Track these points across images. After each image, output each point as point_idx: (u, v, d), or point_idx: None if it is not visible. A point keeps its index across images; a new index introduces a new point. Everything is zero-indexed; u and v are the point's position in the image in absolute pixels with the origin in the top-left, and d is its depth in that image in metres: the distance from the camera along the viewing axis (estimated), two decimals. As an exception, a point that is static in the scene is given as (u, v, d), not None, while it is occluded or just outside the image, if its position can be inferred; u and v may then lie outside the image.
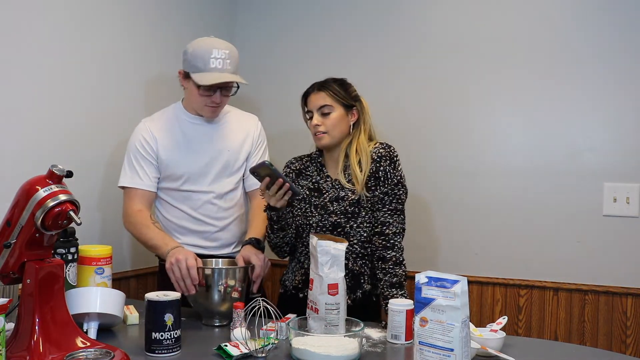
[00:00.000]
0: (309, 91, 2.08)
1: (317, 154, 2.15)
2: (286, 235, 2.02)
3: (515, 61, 2.61)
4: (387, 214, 1.99)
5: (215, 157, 2.16)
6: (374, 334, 1.76)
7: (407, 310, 1.67)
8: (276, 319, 1.64)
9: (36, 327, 1.41)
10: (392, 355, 1.63)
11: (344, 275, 1.74)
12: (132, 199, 2.12)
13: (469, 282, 1.48)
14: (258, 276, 1.91)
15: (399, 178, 2.02)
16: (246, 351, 1.53)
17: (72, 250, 1.83)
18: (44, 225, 1.42)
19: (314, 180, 2.09)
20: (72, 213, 1.43)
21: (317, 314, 1.69)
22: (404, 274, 1.95)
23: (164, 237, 2.03)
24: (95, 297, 1.67)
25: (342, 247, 1.73)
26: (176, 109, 2.21)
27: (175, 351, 1.57)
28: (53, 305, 1.45)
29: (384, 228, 1.98)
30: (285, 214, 1.95)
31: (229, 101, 2.18)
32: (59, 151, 2.20)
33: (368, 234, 2.02)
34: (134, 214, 2.10)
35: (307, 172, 2.12)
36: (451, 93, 2.72)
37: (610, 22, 2.48)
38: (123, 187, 2.15)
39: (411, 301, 1.66)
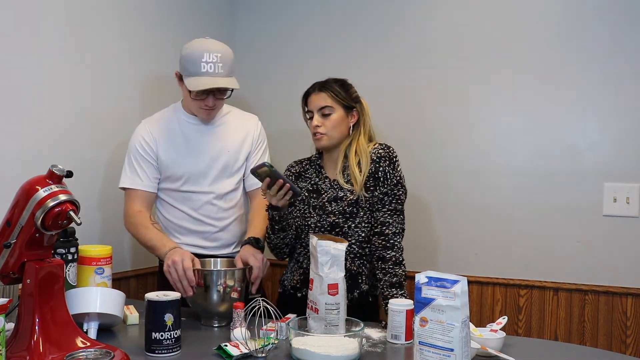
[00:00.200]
0: (309, 91, 2.08)
1: (316, 157, 2.15)
2: (286, 236, 2.02)
3: (515, 61, 2.61)
4: (386, 214, 1.99)
5: (215, 158, 2.16)
6: (374, 334, 1.76)
7: (407, 310, 1.67)
8: (276, 319, 1.64)
9: (36, 327, 1.41)
10: (392, 355, 1.63)
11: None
12: (132, 199, 2.12)
13: (469, 282, 1.48)
14: (256, 278, 1.91)
15: (398, 178, 2.03)
16: (246, 351, 1.53)
17: (72, 250, 1.83)
18: (44, 225, 1.42)
19: (312, 181, 2.10)
20: (72, 213, 1.43)
21: (317, 314, 1.69)
22: (403, 273, 1.95)
23: (162, 238, 2.03)
24: (95, 297, 1.67)
25: (342, 247, 1.73)
26: (176, 109, 2.21)
27: (175, 351, 1.57)
28: (53, 305, 1.45)
29: (384, 228, 1.98)
30: (287, 213, 1.95)
31: (229, 101, 2.18)
32: (59, 151, 2.20)
33: (366, 234, 2.02)
34: (134, 215, 2.10)
35: (306, 175, 2.13)
36: (451, 93, 2.72)
37: (610, 22, 2.48)
38: (123, 188, 2.15)
39: (411, 301, 1.66)
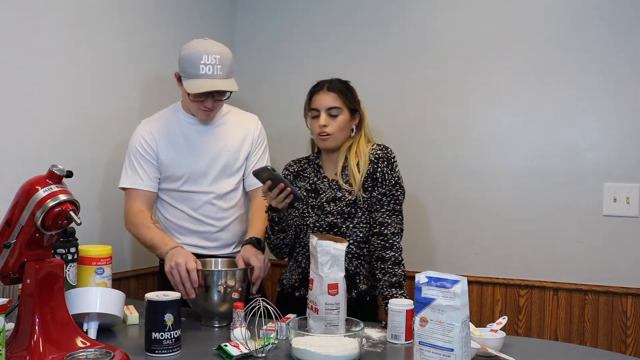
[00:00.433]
0: (317, 89, 2.06)
1: (314, 156, 2.15)
2: (286, 237, 2.02)
3: (515, 61, 2.61)
4: (385, 215, 2.00)
5: (214, 158, 2.16)
6: (374, 334, 1.76)
7: (407, 310, 1.67)
8: (276, 319, 1.64)
9: (36, 327, 1.41)
10: (392, 355, 1.63)
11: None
12: (133, 199, 2.12)
13: (469, 282, 1.48)
14: (257, 278, 1.91)
15: (396, 179, 2.03)
16: (246, 351, 1.53)
17: (72, 250, 1.83)
18: (44, 225, 1.42)
19: (311, 181, 2.10)
20: (72, 213, 1.43)
21: (317, 314, 1.69)
22: (403, 273, 1.95)
23: (163, 237, 2.03)
24: (95, 297, 1.67)
25: (342, 247, 1.73)
26: (175, 109, 2.21)
27: (175, 351, 1.57)
28: (53, 305, 1.45)
29: (383, 228, 1.99)
30: (287, 215, 1.95)
31: (229, 101, 2.18)
32: (59, 151, 2.20)
33: (364, 235, 2.02)
34: (135, 215, 2.10)
35: (304, 174, 2.12)
36: (451, 93, 2.72)
37: (610, 22, 2.48)
38: (124, 188, 2.15)
39: (411, 301, 1.66)
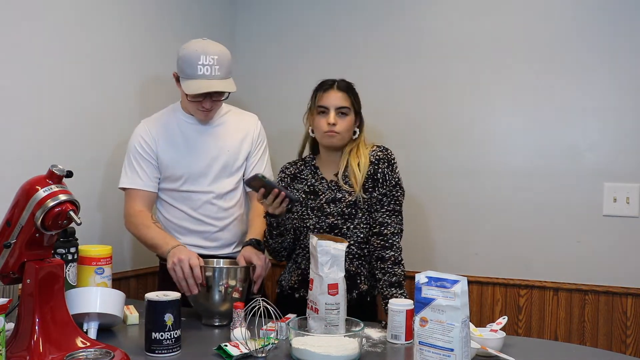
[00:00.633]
0: (326, 87, 2.04)
1: (310, 157, 2.15)
2: (284, 240, 2.02)
3: (515, 61, 2.61)
4: (385, 215, 2.00)
5: (214, 158, 2.16)
6: (374, 334, 1.76)
7: (407, 310, 1.67)
8: (276, 319, 1.64)
9: (36, 327, 1.40)
10: (392, 355, 1.63)
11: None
12: (133, 199, 2.12)
13: (469, 282, 1.48)
14: (259, 276, 1.91)
15: (396, 180, 2.03)
16: (246, 351, 1.53)
17: (72, 250, 1.83)
18: (44, 225, 1.42)
19: (309, 183, 2.09)
20: (72, 213, 1.43)
21: (317, 314, 1.69)
22: (402, 273, 1.95)
23: (164, 236, 2.03)
24: (95, 297, 1.67)
25: (342, 247, 1.73)
26: (175, 109, 2.21)
27: (175, 351, 1.57)
28: (53, 305, 1.45)
29: (382, 228, 1.99)
30: (285, 220, 1.95)
31: (229, 100, 2.17)
32: (59, 151, 2.20)
33: (365, 235, 2.02)
34: (135, 215, 2.10)
35: (301, 176, 2.12)
36: (451, 93, 2.72)
37: (610, 22, 2.48)
38: (123, 189, 2.15)
39: (411, 301, 1.66)
